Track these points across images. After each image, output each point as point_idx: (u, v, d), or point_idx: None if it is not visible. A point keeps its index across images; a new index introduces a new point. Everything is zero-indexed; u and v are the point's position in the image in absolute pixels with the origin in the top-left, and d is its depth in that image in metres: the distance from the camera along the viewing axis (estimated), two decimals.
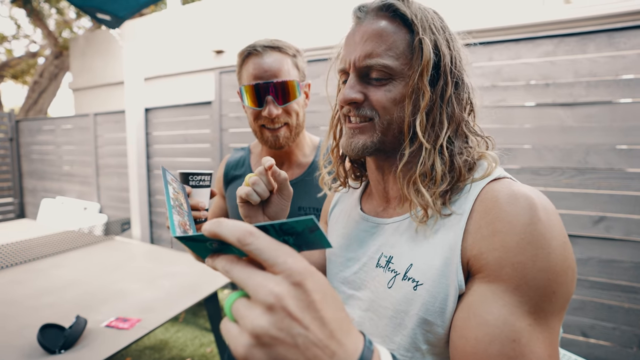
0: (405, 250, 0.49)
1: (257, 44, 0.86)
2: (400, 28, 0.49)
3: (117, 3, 2.24)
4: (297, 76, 0.88)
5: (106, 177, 4.09)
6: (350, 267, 0.57)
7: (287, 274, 0.24)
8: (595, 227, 1.73)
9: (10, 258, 2.09)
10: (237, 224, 0.25)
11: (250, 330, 0.23)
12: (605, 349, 1.71)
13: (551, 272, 0.38)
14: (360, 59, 0.49)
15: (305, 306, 0.23)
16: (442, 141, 0.48)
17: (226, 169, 1.04)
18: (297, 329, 0.23)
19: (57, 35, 9.07)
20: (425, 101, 0.47)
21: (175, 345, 2.36)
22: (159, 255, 2.33)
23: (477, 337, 0.38)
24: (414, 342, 0.46)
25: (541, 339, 0.38)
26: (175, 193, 0.63)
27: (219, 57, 4.72)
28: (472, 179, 0.47)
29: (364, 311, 0.52)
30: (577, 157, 1.76)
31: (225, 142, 3.03)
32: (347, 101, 0.50)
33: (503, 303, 0.39)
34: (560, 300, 0.39)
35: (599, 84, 1.70)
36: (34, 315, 1.39)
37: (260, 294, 0.24)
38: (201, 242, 0.29)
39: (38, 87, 8.46)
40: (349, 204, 0.67)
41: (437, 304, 0.44)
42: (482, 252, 0.41)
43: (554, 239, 0.39)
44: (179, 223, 0.52)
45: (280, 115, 0.84)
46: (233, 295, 0.26)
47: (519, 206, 0.41)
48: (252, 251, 0.25)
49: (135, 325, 1.33)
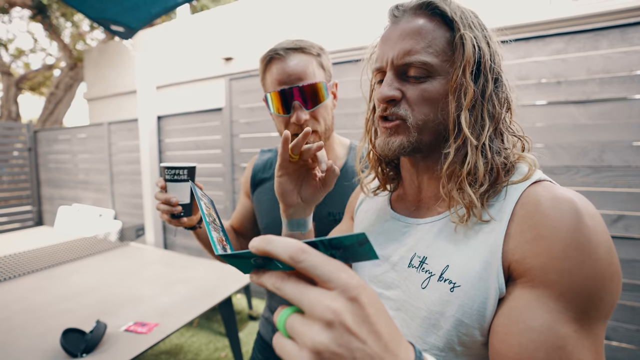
0: (441, 251, 0.48)
1: (279, 47, 0.81)
2: (439, 26, 0.48)
3: (130, 15, 2.31)
4: (323, 77, 0.83)
5: (120, 184, 4.18)
6: (380, 265, 0.56)
7: (342, 289, 0.24)
8: (614, 226, 1.69)
9: (30, 265, 2.16)
10: (287, 241, 0.26)
11: (311, 347, 0.23)
12: (629, 352, 1.66)
13: (598, 279, 0.37)
14: (398, 57, 0.49)
15: (362, 321, 0.24)
16: (484, 139, 0.47)
17: (254, 172, 1.01)
18: (356, 344, 0.23)
19: (72, 47, 9.36)
20: (469, 97, 0.46)
21: (190, 350, 2.38)
22: (173, 260, 2.36)
23: (521, 344, 0.38)
24: (448, 342, 0.45)
25: (587, 346, 0.37)
26: (207, 208, 0.64)
27: (229, 64, 4.79)
28: (508, 182, 0.46)
29: (395, 311, 0.52)
30: (593, 155, 1.72)
31: (236, 147, 3.07)
32: (385, 99, 0.49)
33: (548, 309, 0.38)
34: (606, 307, 0.38)
35: (613, 80, 1.67)
36: (56, 320, 1.43)
37: (318, 310, 0.24)
38: (245, 258, 0.29)
39: (54, 98, 8.73)
40: (378, 202, 0.66)
41: (475, 306, 0.43)
42: (525, 257, 0.40)
43: (600, 245, 0.38)
44: (217, 240, 0.54)
45: (308, 121, 0.80)
46: (286, 311, 0.26)
47: (563, 210, 0.40)
48: (305, 267, 0.25)
49: (153, 330, 1.36)
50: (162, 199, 0.74)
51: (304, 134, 0.56)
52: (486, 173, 0.46)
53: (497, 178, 0.47)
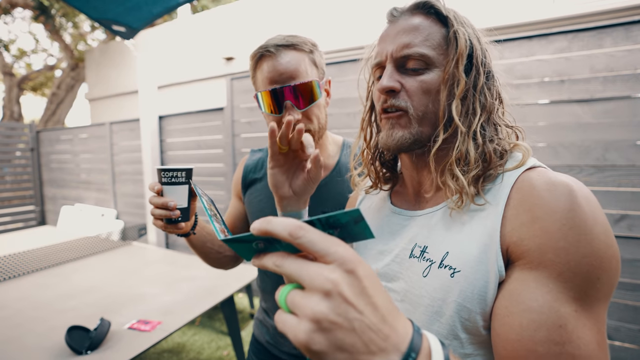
0: (440, 238, 0.50)
1: (270, 43, 0.77)
2: (435, 23, 0.52)
3: (132, 15, 2.31)
4: (316, 75, 0.80)
5: (122, 183, 4.19)
6: (382, 259, 0.57)
7: (339, 262, 0.25)
8: (617, 225, 1.68)
9: (34, 263, 2.17)
10: (286, 220, 0.27)
11: (311, 317, 0.24)
12: (632, 352, 1.66)
13: (595, 258, 0.38)
14: (397, 50, 0.51)
15: (359, 292, 0.25)
16: (475, 127, 0.49)
17: (245, 172, 0.98)
18: (353, 314, 0.24)
19: (73, 48, 9.38)
20: (461, 88, 0.49)
21: (193, 349, 2.39)
22: (175, 259, 2.37)
23: (522, 324, 0.38)
24: (452, 329, 0.46)
25: (588, 325, 0.37)
26: (209, 203, 0.65)
27: (230, 63, 4.80)
28: (504, 169, 0.48)
29: (399, 302, 0.53)
30: (596, 154, 1.72)
31: (238, 147, 3.07)
32: (386, 89, 0.51)
33: (547, 289, 0.38)
34: (605, 287, 0.39)
35: (617, 78, 1.67)
36: (60, 318, 1.44)
37: (317, 282, 0.25)
38: (247, 242, 0.30)
39: (56, 98, 8.75)
40: (377, 199, 0.67)
41: (476, 290, 0.44)
42: (523, 239, 0.41)
43: (597, 225, 0.39)
44: (219, 229, 0.55)
45: (301, 121, 0.77)
46: (286, 288, 0.27)
47: (558, 192, 0.41)
48: (304, 243, 0.26)
49: (156, 328, 1.36)
50: (158, 204, 0.68)
51: (287, 124, 0.58)
52: (478, 159, 0.49)
53: (490, 163, 0.49)
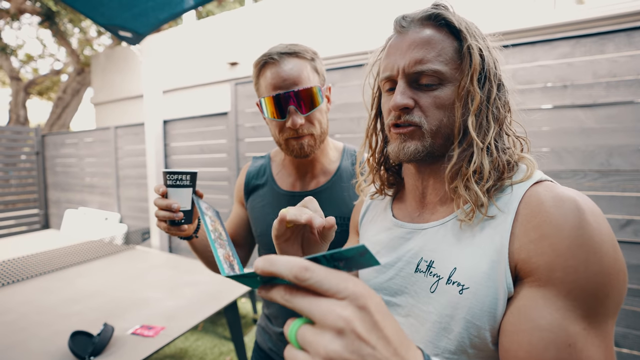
0: (448, 254, 0.49)
1: (273, 51, 0.81)
2: (447, 36, 0.51)
3: (138, 21, 2.34)
4: (317, 81, 0.83)
5: (126, 187, 4.21)
6: (384, 273, 0.57)
7: (351, 298, 0.25)
8: (623, 231, 1.67)
9: (37, 267, 2.18)
10: (290, 260, 0.26)
11: (324, 356, 0.24)
12: None
13: (604, 275, 0.38)
14: (409, 65, 0.50)
15: (371, 327, 0.25)
16: (489, 140, 0.49)
17: (247, 179, 1.01)
18: (367, 350, 0.24)
19: (79, 53, 9.50)
20: (476, 103, 0.48)
21: (195, 354, 2.38)
22: (178, 264, 2.37)
23: (531, 342, 0.38)
24: (460, 345, 0.46)
25: (596, 343, 0.37)
26: (213, 222, 0.64)
27: (234, 68, 4.84)
28: (512, 181, 0.48)
29: (404, 317, 0.52)
30: (600, 159, 1.71)
31: (242, 151, 3.09)
32: (399, 107, 0.51)
33: (556, 307, 0.38)
34: (613, 303, 0.39)
35: (620, 84, 1.66)
36: (63, 323, 1.44)
37: (329, 319, 0.24)
38: (251, 277, 0.30)
39: (61, 102, 8.84)
40: (379, 210, 0.67)
41: (485, 307, 0.43)
42: (531, 257, 0.41)
43: (604, 242, 0.39)
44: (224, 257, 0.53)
45: (304, 125, 0.80)
46: (296, 322, 0.27)
47: (566, 209, 0.41)
48: (311, 285, 0.25)
49: (159, 333, 1.36)
50: (162, 205, 0.70)
51: (280, 219, 0.48)
52: (492, 170, 0.49)
53: (502, 174, 0.49)
